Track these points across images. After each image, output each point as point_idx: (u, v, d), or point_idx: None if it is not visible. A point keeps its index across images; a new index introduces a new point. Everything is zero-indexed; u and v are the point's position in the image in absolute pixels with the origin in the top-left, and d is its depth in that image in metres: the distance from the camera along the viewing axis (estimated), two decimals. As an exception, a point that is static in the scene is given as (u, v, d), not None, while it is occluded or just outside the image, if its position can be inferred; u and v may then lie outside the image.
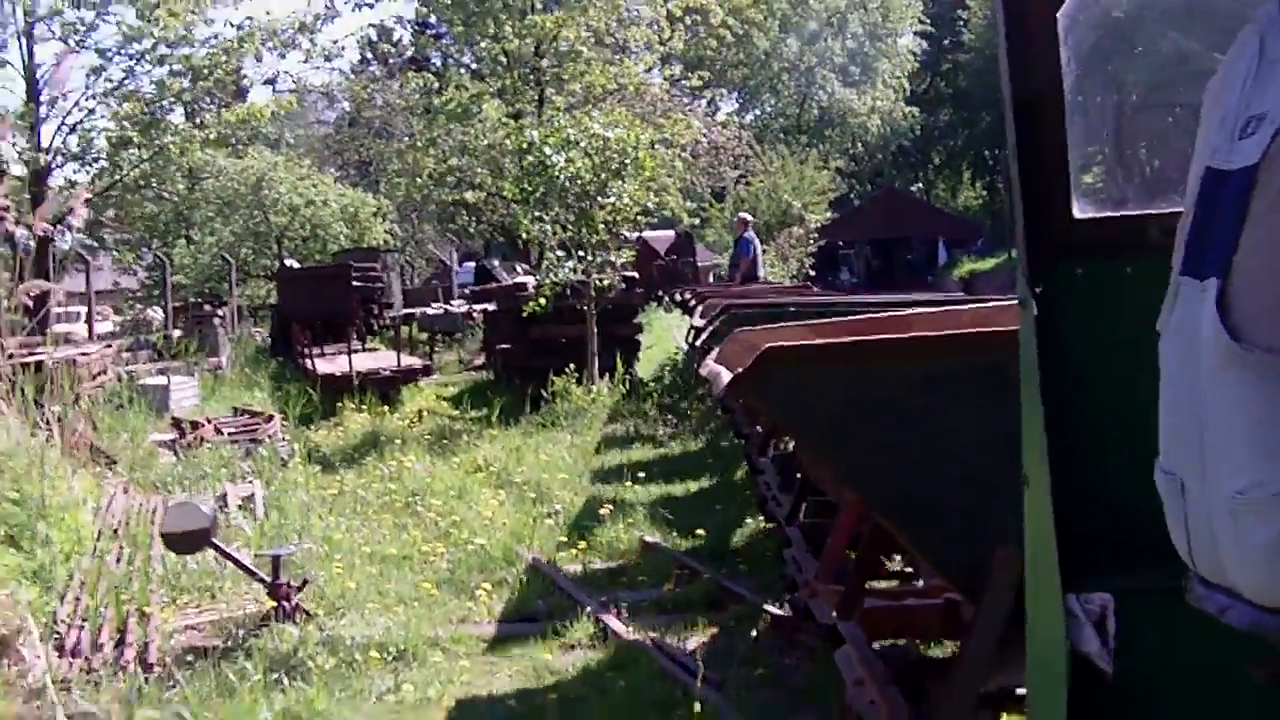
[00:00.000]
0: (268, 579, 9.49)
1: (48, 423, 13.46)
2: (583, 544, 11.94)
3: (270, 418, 19.70)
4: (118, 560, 11.16)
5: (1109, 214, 3.71)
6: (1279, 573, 2.42)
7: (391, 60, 53.98)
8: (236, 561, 9.90)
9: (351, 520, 13.01)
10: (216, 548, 9.70)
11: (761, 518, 11.90)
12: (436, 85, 38.05)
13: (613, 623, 9.22)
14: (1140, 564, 3.28)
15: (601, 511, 12.82)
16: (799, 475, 9.02)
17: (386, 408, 21.25)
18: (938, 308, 8.48)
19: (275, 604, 9.32)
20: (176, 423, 19.71)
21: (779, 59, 64.93)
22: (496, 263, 42.56)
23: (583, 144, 20.72)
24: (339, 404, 21.47)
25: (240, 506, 13.45)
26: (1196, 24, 4.12)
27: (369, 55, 63.03)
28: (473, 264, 49.63)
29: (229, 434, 18.36)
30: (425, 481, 14.68)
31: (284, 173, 44.86)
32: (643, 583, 10.61)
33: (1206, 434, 2.55)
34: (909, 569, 7.78)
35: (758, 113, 70.20)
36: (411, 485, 14.58)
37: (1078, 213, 3.63)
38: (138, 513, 13.25)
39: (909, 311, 7.66)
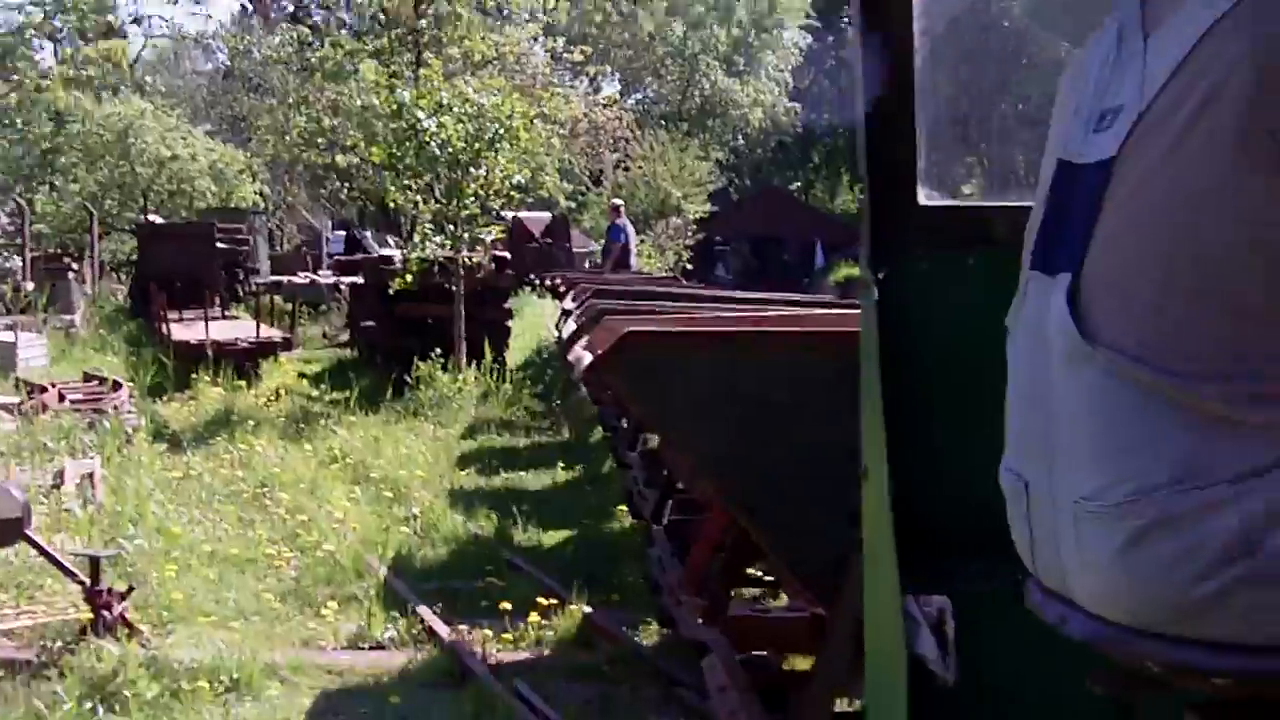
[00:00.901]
0: (86, 582, 8.54)
1: None
2: (441, 552, 11.11)
3: (118, 386, 18.68)
4: (-69, 547, 10.25)
5: (954, 203, 3.72)
6: (1117, 583, 2.36)
7: (273, 14, 52.53)
8: (53, 559, 8.92)
9: (193, 511, 12.09)
10: (30, 541, 8.74)
11: (630, 520, 11.51)
12: (311, 40, 36.88)
13: (473, 664, 8.33)
14: (981, 566, 3.22)
15: (462, 518, 11.98)
16: (665, 472, 8.83)
17: (243, 382, 20.22)
18: (808, 309, 8.32)
19: (93, 614, 8.37)
20: (20, 384, 18.72)
21: (663, 42, 64.11)
22: (369, 234, 41.51)
23: (456, 109, 19.79)
24: (193, 375, 20.45)
25: (78, 485, 12.51)
26: (1054, 12, 3.80)
27: (249, 6, 61.53)
28: (344, 233, 48.54)
29: (73, 402, 17.38)
30: (275, 471, 13.79)
31: (152, 122, 43.50)
32: (505, 611, 9.73)
33: (1054, 435, 2.50)
34: (770, 578, 7.58)
35: (639, 97, 69.35)
36: (261, 473, 13.71)
37: (923, 199, 3.57)
38: (-37, 487, 12.33)
39: (783, 313, 7.49)
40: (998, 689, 3.43)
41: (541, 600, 9.48)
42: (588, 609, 9.21)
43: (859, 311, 3.54)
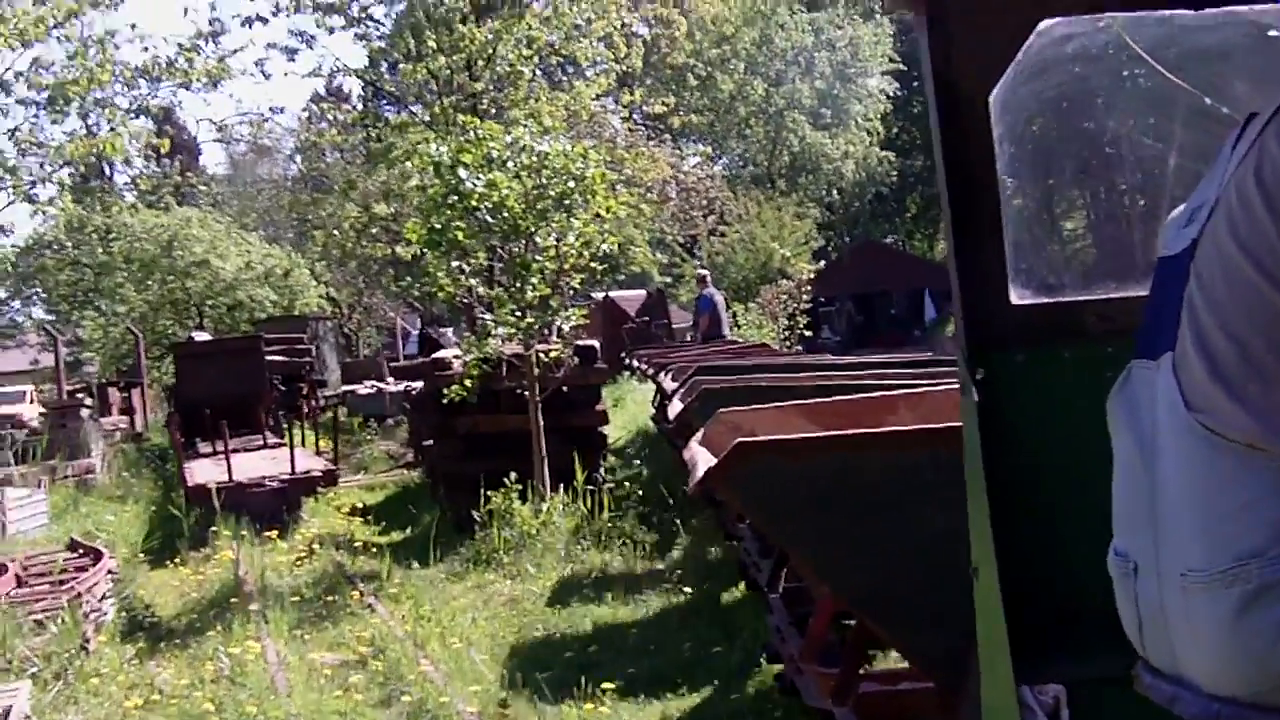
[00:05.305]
0: None
1: None
2: None
3: (99, 556, 14.33)
4: None
5: (1046, 300, 3.79)
6: (1227, 652, 2.42)
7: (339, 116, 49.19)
8: None
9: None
10: None
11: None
12: (364, 121, 32.85)
13: None
14: (1092, 653, 3.34)
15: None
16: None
17: (273, 532, 15.83)
18: (921, 383, 7.93)
19: None
20: (-11, 562, 14.60)
21: (745, 102, 60.62)
22: (449, 331, 37.56)
23: (512, 164, 15.07)
24: (213, 528, 16.11)
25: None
26: (1127, 106, 4.08)
27: (316, 107, 58.28)
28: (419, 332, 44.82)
29: (32, 586, 13.20)
30: (268, 694, 9.29)
31: (199, 230, 40.01)
32: None
33: (1159, 513, 2.58)
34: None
35: (725, 161, 65.83)
36: (251, 700, 9.15)
37: (1015, 299, 3.70)
38: None
39: (897, 394, 7.11)
40: None
41: None
42: None
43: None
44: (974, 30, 3.61)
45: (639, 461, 19.86)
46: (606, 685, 9.16)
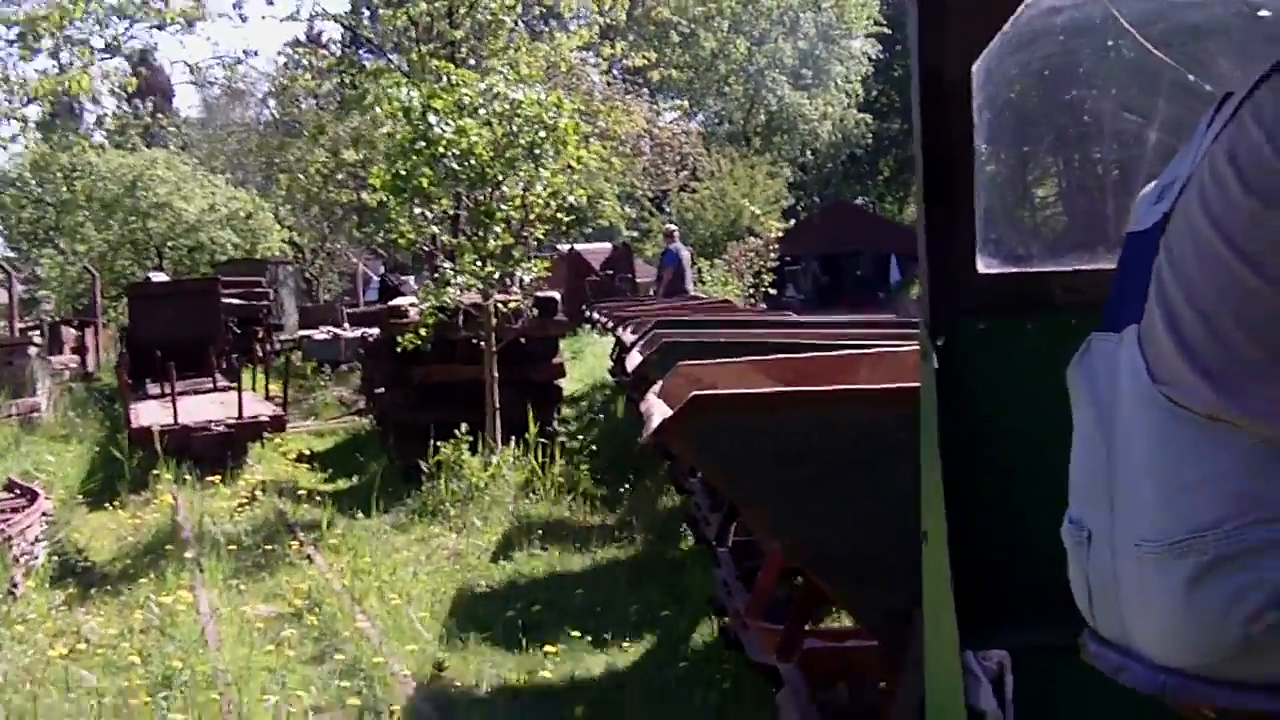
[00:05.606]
0: None
1: None
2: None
3: (34, 497, 13.91)
4: None
5: (1013, 270, 3.82)
6: (1178, 623, 2.45)
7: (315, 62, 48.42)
8: None
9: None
10: None
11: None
12: (337, 64, 32.26)
13: None
14: (1039, 621, 3.30)
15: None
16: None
17: (216, 477, 15.40)
18: (885, 344, 7.44)
19: None
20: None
21: (726, 60, 60.28)
22: (410, 279, 37.05)
23: (483, 110, 14.52)
24: (154, 471, 15.68)
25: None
26: (1111, 80, 4.08)
27: (294, 52, 57.34)
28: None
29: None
30: (197, 647, 8.86)
31: (164, 170, 39.40)
32: None
33: (1117, 484, 2.62)
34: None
35: (702, 117, 65.47)
36: (178, 653, 8.67)
37: (982, 268, 3.73)
38: None
39: (859, 353, 6.86)
40: None
41: None
42: None
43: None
44: (962, 1, 3.62)
45: (594, 414, 19.53)
46: (549, 648, 8.82)
